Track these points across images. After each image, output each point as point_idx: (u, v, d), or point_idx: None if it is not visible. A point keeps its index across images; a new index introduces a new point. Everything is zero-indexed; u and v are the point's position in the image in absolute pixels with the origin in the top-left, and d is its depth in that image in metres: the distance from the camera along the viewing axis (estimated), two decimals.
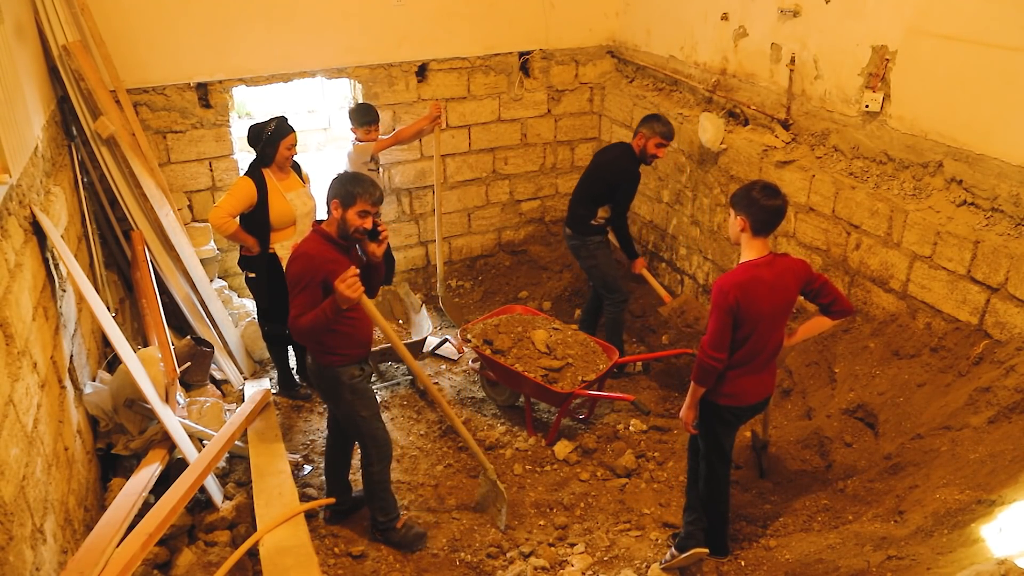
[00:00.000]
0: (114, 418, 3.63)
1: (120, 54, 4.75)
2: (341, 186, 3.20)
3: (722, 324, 3.00)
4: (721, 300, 2.98)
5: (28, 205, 3.24)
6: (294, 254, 3.22)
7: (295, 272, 3.16)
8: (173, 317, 4.81)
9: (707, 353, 3.05)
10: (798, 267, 3.13)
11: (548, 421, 4.73)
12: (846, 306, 3.21)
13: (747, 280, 2.99)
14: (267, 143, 4.22)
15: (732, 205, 3.10)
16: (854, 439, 3.80)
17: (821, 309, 3.26)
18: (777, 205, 3.00)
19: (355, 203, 3.17)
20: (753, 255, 3.06)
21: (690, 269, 5.66)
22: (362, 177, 3.25)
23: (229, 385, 4.83)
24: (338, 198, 3.20)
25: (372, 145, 4.99)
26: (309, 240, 3.25)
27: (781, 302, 3.08)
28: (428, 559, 3.64)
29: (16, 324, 2.71)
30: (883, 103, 4.02)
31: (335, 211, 3.22)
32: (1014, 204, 3.43)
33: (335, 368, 3.36)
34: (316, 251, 3.17)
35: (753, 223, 3.02)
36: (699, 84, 5.35)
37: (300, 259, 3.17)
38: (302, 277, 3.14)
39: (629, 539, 3.77)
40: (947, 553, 2.73)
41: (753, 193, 3.01)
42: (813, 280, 3.16)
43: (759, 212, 3.00)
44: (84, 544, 2.88)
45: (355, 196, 3.17)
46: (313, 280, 3.12)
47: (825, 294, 3.18)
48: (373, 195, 3.19)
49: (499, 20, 5.82)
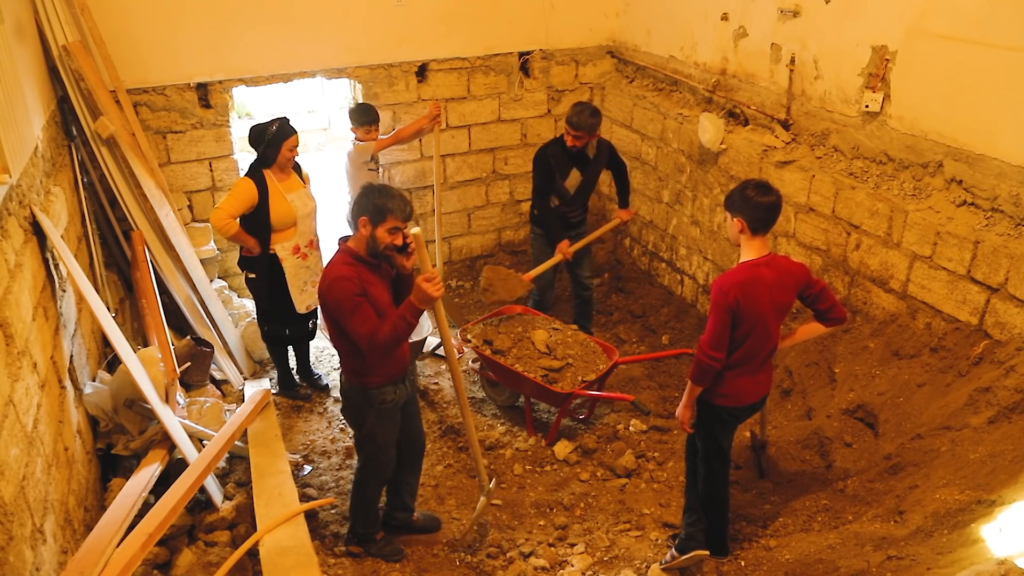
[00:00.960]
0: (114, 418, 3.63)
1: (120, 54, 4.75)
2: (369, 202, 3.01)
3: (721, 323, 3.01)
4: (721, 299, 2.99)
5: (28, 205, 3.23)
6: (329, 279, 3.02)
7: (337, 298, 2.98)
8: (173, 317, 4.81)
9: (705, 352, 3.05)
10: (798, 270, 3.13)
11: (548, 421, 4.73)
12: (841, 314, 3.22)
13: (747, 279, 2.99)
14: (269, 144, 4.21)
15: (727, 208, 3.10)
16: (854, 439, 3.80)
17: (816, 315, 3.26)
18: (771, 201, 3.00)
19: (385, 220, 3.00)
20: (753, 255, 3.06)
21: (690, 269, 5.66)
22: (391, 191, 3.07)
23: (229, 385, 4.83)
24: (367, 215, 3.02)
25: (372, 145, 4.99)
26: (339, 263, 3.07)
27: (780, 302, 3.09)
28: (428, 559, 3.64)
29: (16, 324, 2.71)
30: (883, 103, 4.02)
31: (363, 228, 3.04)
32: (1014, 204, 3.43)
33: (369, 390, 3.23)
34: (350, 273, 3.01)
35: (751, 222, 3.02)
36: (699, 84, 5.35)
37: (338, 284, 2.99)
38: (347, 300, 2.97)
39: (629, 539, 3.77)
40: (947, 553, 2.73)
41: (747, 192, 3.01)
42: (812, 285, 3.17)
43: (755, 210, 3.00)
44: (84, 544, 2.88)
45: (385, 213, 2.99)
46: (359, 298, 2.98)
47: (823, 300, 3.19)
48: (404, 211, 3.02)
49: (499, 20, 5.82)
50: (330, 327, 3.19)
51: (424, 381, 5.09)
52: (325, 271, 3.09)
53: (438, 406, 4.86)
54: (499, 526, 3.90)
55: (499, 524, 3.92)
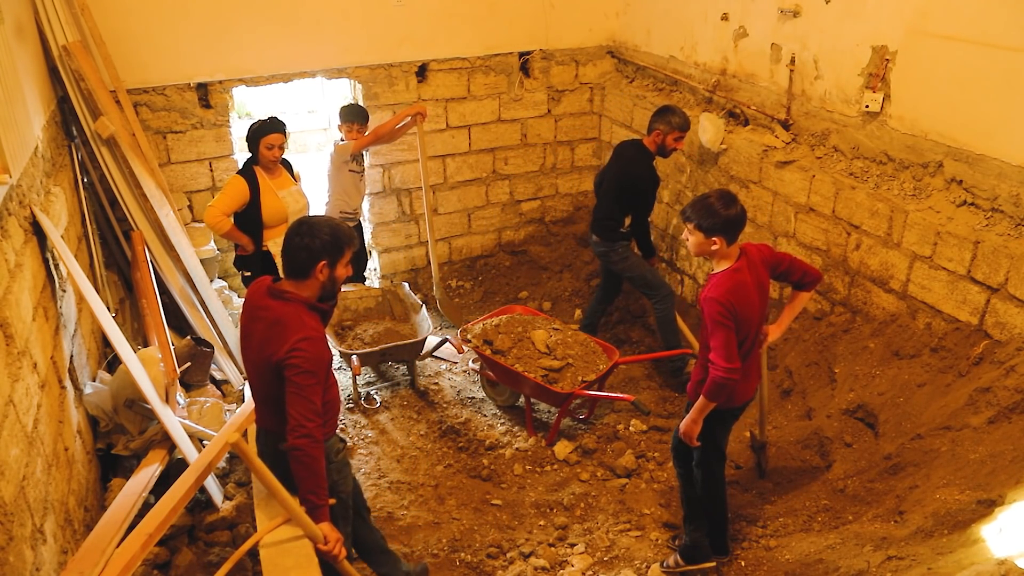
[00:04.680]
0: (114, 418, 3.63)
1: (120, 54, 4.75)
2: (321, 240, 2.63)
3: (728, 335, 2.97)
4: (722, 310, 2.95)
5: (28, 205, 3.24)
6: (299, 337, 2.57)
7: (312, 359, 2.57)
8: (173, 317, 4.81)
9: (724, 368, 2.96)
10: (765, 254, 3.18)
11: (548, 421, 4.73)
12: (815, 273, 3.30)
13: (735, 286, 3.01)
14: (250, 142, 4.32)
15: (701, 228, 3.03)
16: (854, 439, 3.80)
17: (794, 286, 3.34)
18: (741, 210, 3.05)
19: (344, 255, 2.71)
20: (729, 262, 3.08)
21: (690, 269, 5.66)
22: (329, 222, 2.73)
23: (229, 385, 4.83)
24: (327, 257, 2.65)
25: (351, 144, 4.99)
26: (301, 317, 2.63)
27: (764, 297, 3.15)
28: (428, 559, 3.64)
29: (16, 324, 2.71)
30: (883, 103, 4.02)
31: (320, 275, 2.66)
32: (1014, 204, 3.43)
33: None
34: (318, 332, 2.66)
35: (729, 238, 3.04)
36: (699, 84, 5.35)
37: (309, 344, 2.58)
38: (315, 369, 2.58)
39: (629, 539, 3.77)
40: (947, 553, 2.73)
41: (721, 212, 2.99)
42: (780, 262, 3.22)
43: (734, 227, 3.03)
44: (84, 544, 2.88)
45: (343, 247, 2.69)
46: (323, 372, 2.65)
47: (794, 271, 3.26)
48: (352, 236, 2.75)
49: (499, 20, 5.82)
50: (270, 387, 2.69)
51: (424, 381, 5.10)
52: (290, 323, 2.61)
53: (438, 406, 4.87)
54: (499, 526, 3.90)
55: (499, 524, 3.92)
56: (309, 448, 2.57)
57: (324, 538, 2.65)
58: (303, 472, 2.60)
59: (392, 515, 3.89)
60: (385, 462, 4.30)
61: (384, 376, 5.19)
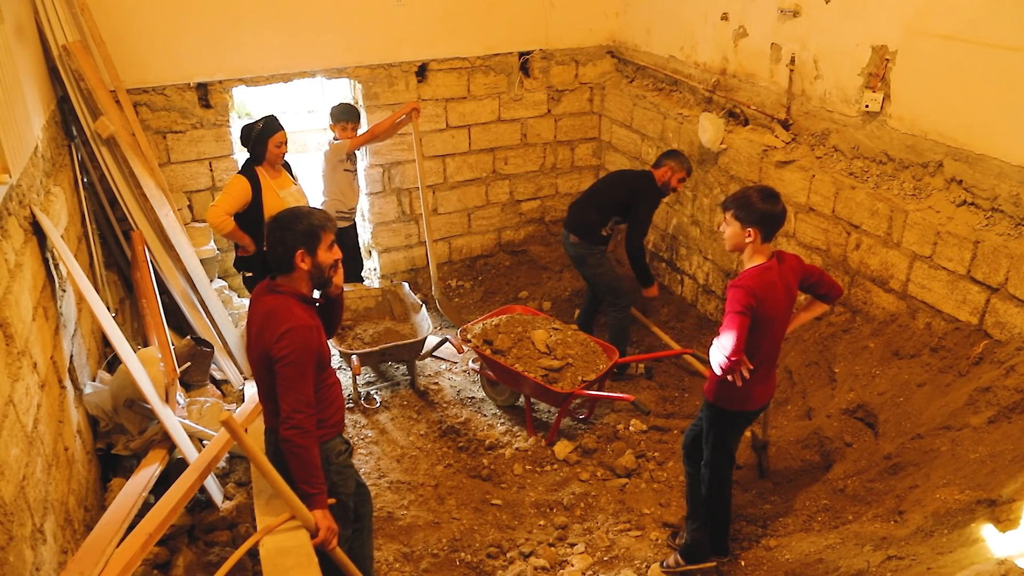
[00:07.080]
0: (114, 418, 3.63)
1: (120, 54, 4.75)
2: (293, 232, 2.66)
3: (743, 324, 2.93)
4: (744, 299, 2.92)
5: (28, 205, 3.23)
6: (284, 328, 2.60)
7: (297, 350, 2.58)
8: (173, 317, 4.81)
9: (725, 352, 2.92)
10: (796, 264, 3.16)
11: (548, 421, 4.73)
12: (839, 289, 3.31)
13: (763, 283, 2.99)
14: (256, 142, 4.30)
15: (739, 219, 3.01)
16: (854, 439, 3.80)
17: (817, 297, 3.33)
18: (782, 208, 3.02)
19: (321, 239, 2.70)
20: (761, 259, 3.05)
21: (690, 269, 5.66)
22: (300, 212, 2.77)
23: (229, 385, 4.82)
24: (301, 246, 2.66)
25: (347, 143, 4.99)
26: (289, 308, 2.65)
27: (790, 303, 3.12)
28: (428, 559, 3.64)
29: (16, 324, 2.71)
30: (883, 103, 4.02)
31: (303, 264, 2.68)
32: (1014, 204, 3.43)
33: (323, 445, 2.83)
34: (305, 321, 2.65)
35: (764, 232, 3.01)
36: (699, 84, 5.35)
37: (294, 334, 2.59)
38: (301, 359, 2.59)
39: (629, 539, 3.77)
40: (947, 553, 2.73)
41: (759, 205, 2.96)
42: (810, 274, 3.21)
43: (772, 222, 2.99)
44: (84, 544, 2.88)
45: (318, 233, 2.69)
46: (312, 362, 2.64)
47: (822, 284, 3.26)
48: (327, 219, 2.73)
49: (499, 20, 5.82)
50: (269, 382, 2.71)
51: (424, 381, 5.09)
52: (278, 315, 2.64)
53: (438, 406, 4.87)
54: (499, 526, 3.90)
55: (499, 524, 3.92)
56: (298, 439, 2.61)
57: (316, 526, 2.69)
58: (294, 462, 2.65)
59: (392, 515, 3.88)
60: (385, 462, 4.30)
61: (384, 376, 5.19)
